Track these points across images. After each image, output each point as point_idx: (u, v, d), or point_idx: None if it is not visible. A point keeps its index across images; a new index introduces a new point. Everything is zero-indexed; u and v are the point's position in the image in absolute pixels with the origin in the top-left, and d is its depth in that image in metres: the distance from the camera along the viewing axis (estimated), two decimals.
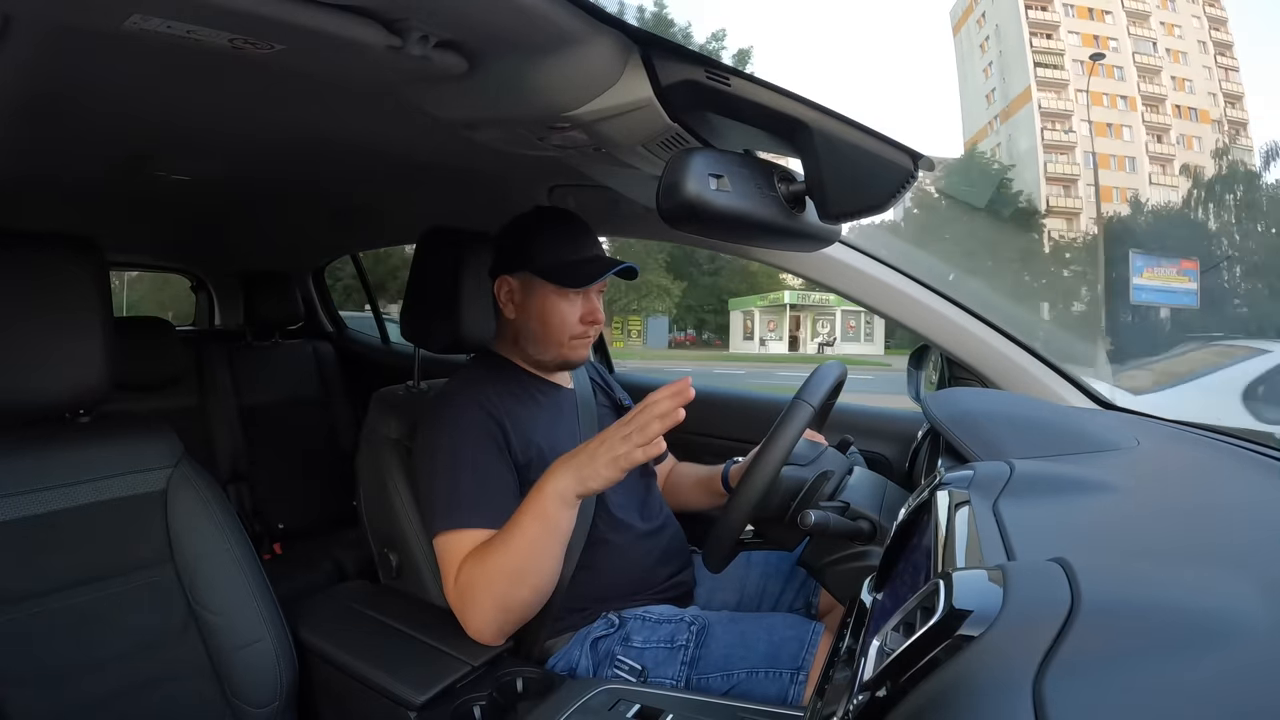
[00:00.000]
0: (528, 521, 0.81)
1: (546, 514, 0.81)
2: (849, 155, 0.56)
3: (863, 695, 0.35)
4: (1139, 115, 26.21)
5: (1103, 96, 26.52)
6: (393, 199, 1.49)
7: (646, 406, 0.75)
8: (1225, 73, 26.81)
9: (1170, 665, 0.28)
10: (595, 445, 0.79)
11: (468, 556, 0.85)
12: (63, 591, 0.78)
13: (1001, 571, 0.34)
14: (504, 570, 0.82)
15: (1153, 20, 26.65)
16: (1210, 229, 20.29)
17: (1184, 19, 26.87)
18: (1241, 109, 26.84)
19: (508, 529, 0.83)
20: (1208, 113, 26.41)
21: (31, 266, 0.77)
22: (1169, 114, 26.31)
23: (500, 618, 0.85)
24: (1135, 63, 26.47)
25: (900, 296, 1.11)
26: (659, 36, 0.57)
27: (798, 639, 0.86)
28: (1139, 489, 0.58)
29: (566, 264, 0.97)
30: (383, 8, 0.52)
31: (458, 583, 0.85)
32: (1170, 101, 26.38)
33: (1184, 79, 26.59)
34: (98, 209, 1.55)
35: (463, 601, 0.86)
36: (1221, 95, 26.62)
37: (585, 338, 1.01)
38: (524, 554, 0.82)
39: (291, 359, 2.13)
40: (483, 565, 0.83)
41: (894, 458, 1.27)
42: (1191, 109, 26.45)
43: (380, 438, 1.09)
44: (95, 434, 0.85)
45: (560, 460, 0.82)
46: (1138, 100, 26.31)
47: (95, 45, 0.62)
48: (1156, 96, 26.48)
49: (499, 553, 0.82)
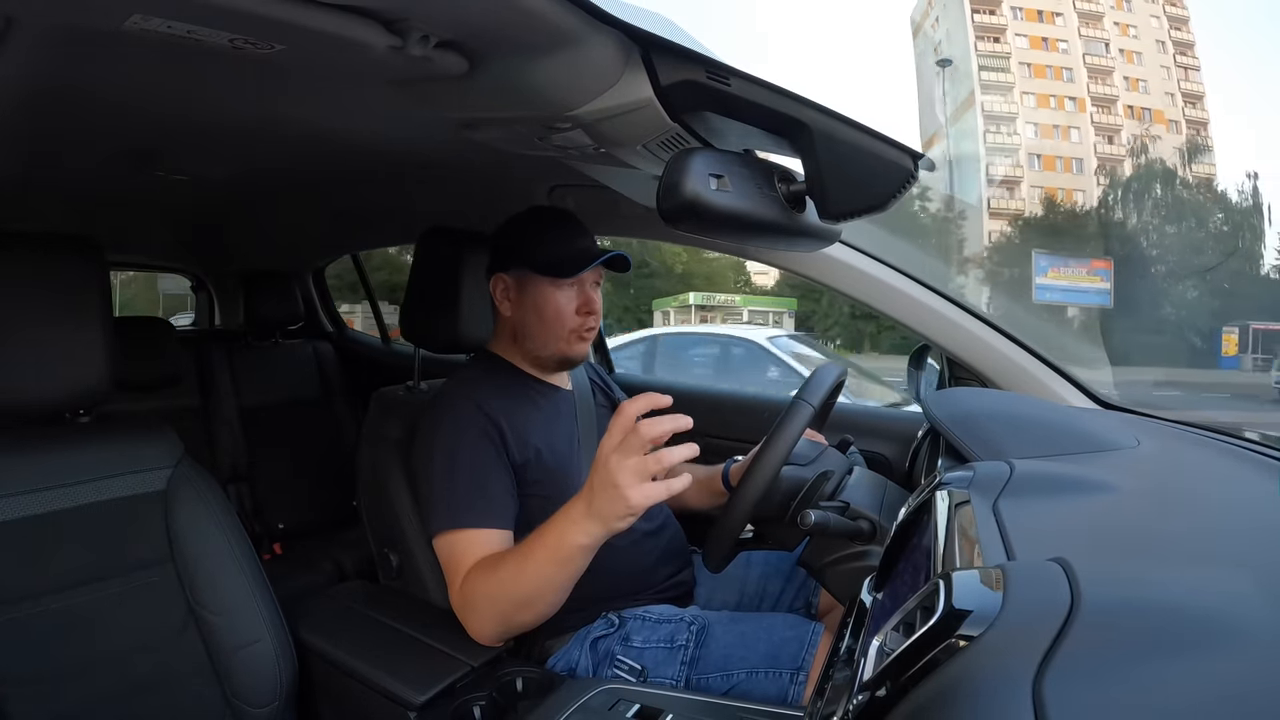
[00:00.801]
0: (545, 562, 0.77)
1: (573, 562, 0.76)
2: (849, 155, 0.56)
3: (863, 695, 0.35)
4: (1088, 116, 26.24)
5: (1050, 99, 26.58)
6: (393, 199, 1.49)
7: (633, 428, 0.67)
8: (1185, 72, 26.77)
9: (1170, 665, 0.28)
10: (599, 484, 0.70)
11: (476, 568, 0.84)
12: (63, 591, 0.78)
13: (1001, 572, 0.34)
14: (513, 596, 0.81)
15: (1106, 21, 26.64)
16: (1128, 228, 20.83)
17: (1141, 19, 26.87)
18: (1202, 108, 26.81)
19: (523, 557, 0.79)
20: (1162, 113, 26.45)
21: (31, 266, 0.77)
22: (1120, 115, 26.38)
23: (501, 630, 0.86)
24: (1085, 64, 26.46)
25: (900, 296, 1.11)
26: (659, 36, 0.57)
27: (798, 639, 0.86)
28: (1139, 489, 0.58)
29: (559, 256, 0.98)
30: (383, 8, 0.52)
31: (462, 590, 0.85)
32: (1123, 102, 26.45)
33: (1138, 79, 26.62)
34: (98, 209, 1.55)
35: (466, 608, 0.86)
36: (1180, 95, 26.66)
37: (584, 332, 1.01)
38: (536, 587, 0.79)
39: (292, 359, 2.13)
40: (491, 583, 0.82)
41: (894, 458, 1.27)
42: (1145, 109, 26.49)
43: (380, 438, 1.09)
44: (95, 434, 0.85)
45: (579, 505, 0.73)
46: (1087, 101, 26.34)
47: (96, 46, 0.62)
48: (1108, 97, 26.55)
49: (510, 578, 0.81)
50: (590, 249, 1.01)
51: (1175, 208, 21.33)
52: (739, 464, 1.12)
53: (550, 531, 0.77)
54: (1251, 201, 21.30)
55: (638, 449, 0.67)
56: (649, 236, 1.35)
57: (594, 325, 1.01)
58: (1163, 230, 21.13)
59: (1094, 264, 17.37)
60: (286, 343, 2.14)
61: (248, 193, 1.49)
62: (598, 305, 1.01)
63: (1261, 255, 21.34)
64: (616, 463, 0.68)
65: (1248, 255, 21.04)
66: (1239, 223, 21.41)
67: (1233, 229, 21.39)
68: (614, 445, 0.68)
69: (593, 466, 0.71)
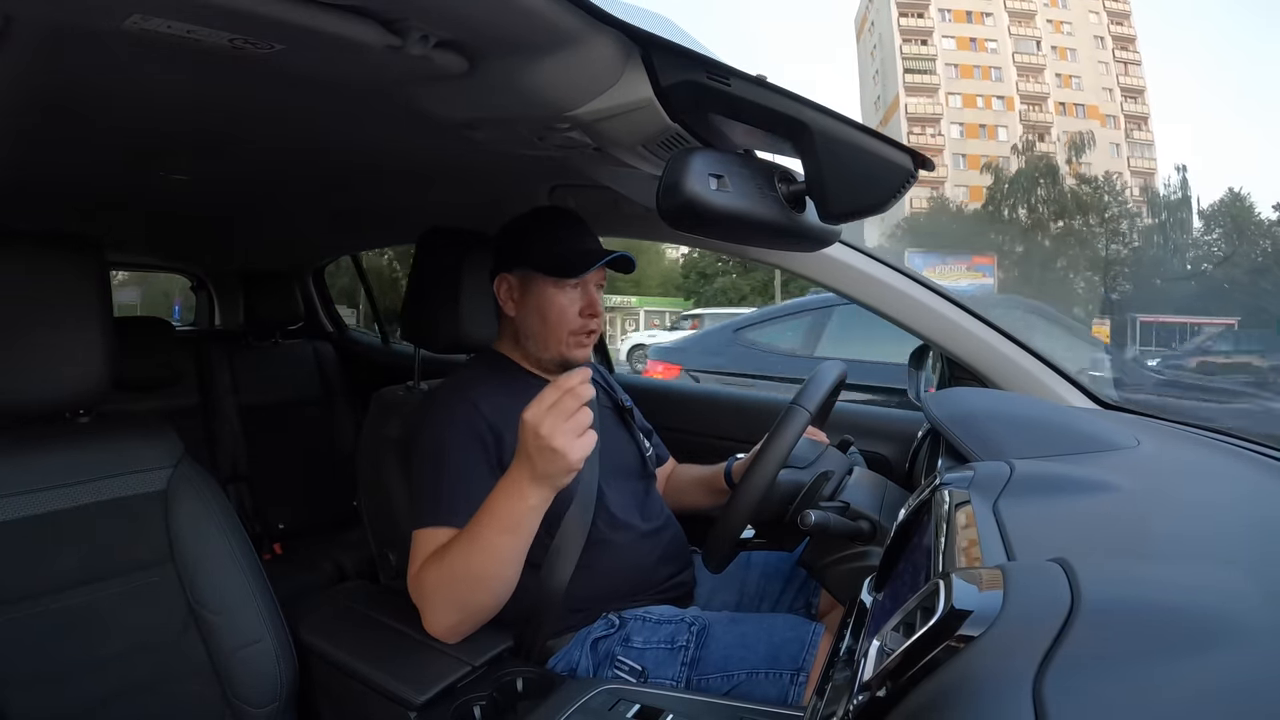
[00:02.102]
0: (496, 533, 0.79)
1: (521, 527, 0.79)
2: (849, 155, 0.56)
3: (863, 695, 0.35)
4: (1016, 115, 26.48)
5: (977, 99, 26.81)
6: (393, 199, 1.49)
7: (570, 392, 0.74)
8: (1125, 67, 26.92)
9: (1170, 665, 0.28)
10: (531, 438, 0.74)
11: (427, 561, 0.84)
12: (63, 591, 0.78)
13: (1001, 572, 0.34)
14: (465, 575, 0.81)
15: (1039, 19, 26.87)
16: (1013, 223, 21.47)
17: (1076, 15, 27.01)
18: (1143, 103, 27.01)
19: (470, 537, 0.80)
20: (1096, 107, 26.64)
21: (31, 266, 0.77)
22: (1051, 111, 26.55)
23: (459, 617, 0.84)
24: (1015, 63, 26.75)
25: (900, 296, 1.11)
26: (659, 36, 0.57)
27: (798, 640, 0.86)
28: (1139, 489, 0.58)
29: (562, 256, 0.98)
30: (382, 8, 0.52)
31: (416, 583, 0.85)
32: (1054, 99, 26.61)
33: (1070, 75, 26.84)
34: (98, 209, 1.55)
35: (420, 601, 0.85)
36: (1119, 90, 26.79)
37: (585, 334, 1.00)
38: (487, 562, 0.80)
39: (292, 359, 2.13)
40: (442, 569, 0.82)
41: (894, 458, 1.27)
42: (1078, 105, 26.62)
43: (380, 438, 1.09)
44: (95, 434, 0.85)
45: (521, 473, 0.77)
46: (1016, 100, 26.63)
47: (95, 45, 0.62)
48: (1038, 95, 26.73)
49: (460, 559, 0.80)
50: (595, 249, 1.01)
51: (1061, 202, 22.02)
52: (741, 461, 1.12)
53: (496, 505, 0.79)
54: (1181, 194, 22.08)
55: (571, 411, 0.74)
56: (649, 237, 1.36)
57: (596, 328, 1.01)
58: (1049, 225, 21.80)
59: (975, 260, 18.22)
60: (286, 343, 2.14)
61: (248, 193, 1.49)
62: (600, 308, 1.01)
63: (1188, 248, 21.93)
64: (551, 427, 0.73)
65: (1153, 246, 21.59)
66: (1133, 213, 22.27)
67: (1129, 221, 22.22)
68: (544, 409, 0.74)
69: (522, 435, 0.76)
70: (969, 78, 26.80)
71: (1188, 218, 21.98)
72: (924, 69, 26.96)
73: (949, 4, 27.01)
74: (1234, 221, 21.40)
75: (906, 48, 27.11)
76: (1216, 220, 21.80)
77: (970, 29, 27.01)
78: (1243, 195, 21.98)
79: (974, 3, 26.90)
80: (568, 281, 0.98)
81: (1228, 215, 21.59)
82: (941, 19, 26.97)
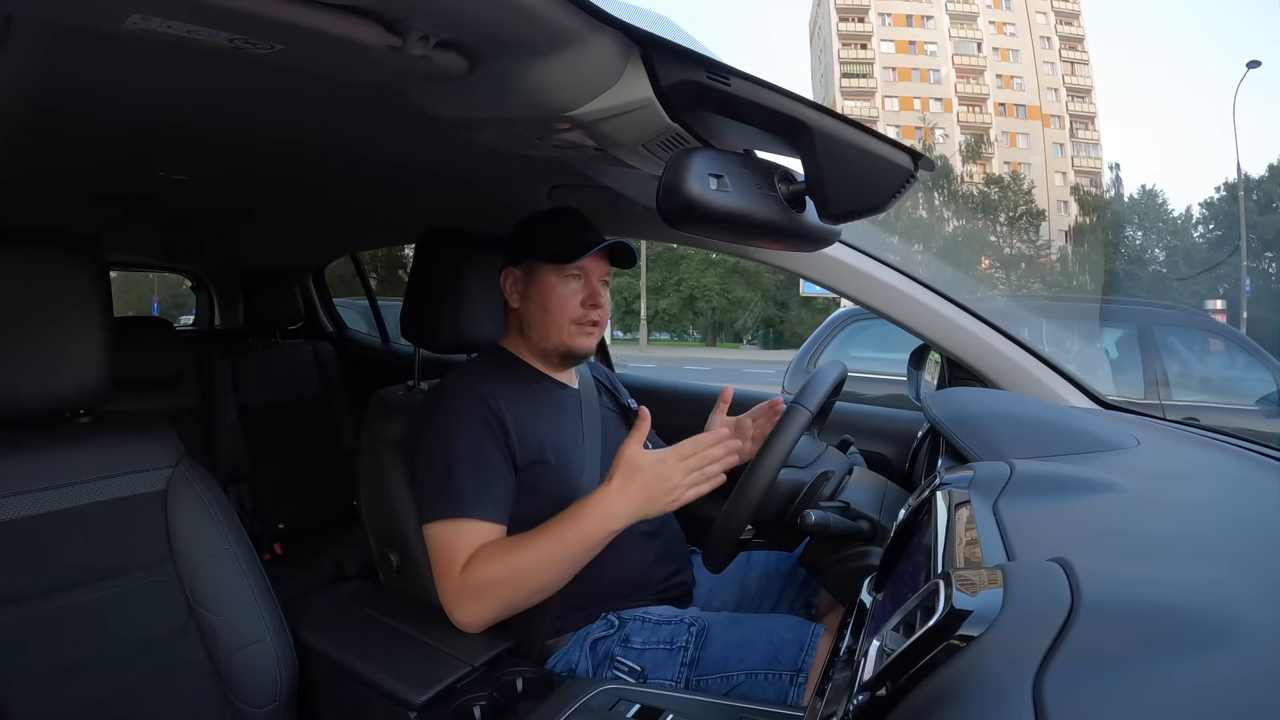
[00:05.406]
0: (573, 546, 0.84)
1: (595, 544, 0.84)
2: (849, 155, 0.56)
3: (863, 695, 0.35)
4: (954, 116, 26.63)
5: (914, 101, 26.96)
6: (393, 199, 1.50)
7: (701, 451, 0.83)
8: (1071, 67, 27.00)
9: (1170, 665, 0.28)
10: (652, 481, 0.82)
11: (481, 554, 0.85)
12: (63, 592, 0.78)
13: (1001, 572, 0.34)
14: (531, 579, 0.85)
15: (980, 20, 26.99)
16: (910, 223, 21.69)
17: (1021, 17, 27.10)
18: (1090, 102, 27.07)
19: (550, 545, 0.84)
20: (1039, 108, 26.76)
21: (31, 266, 0.77)
22: (991, 112, 26.75)
23: (499, 615, 0.87)
24: (954, 65, 26.89)
25: (900, 296, 1.11)
26: (659, 36, 0.57)
27: (797, 641, 0.86)
28: (1139, 489, 0.58)
29: (562, 244, 0.99)
30: (382, 8, 0.52)
31: (465, 576, 0.86)
32: (994, 100, 26.79)
33: (1010, 76, 26.95)
34: (98, 209, 1.55)
35: (465, 594, 0.86)
36: (1065, 90, 26.92)
37: (588, 324, 1.01)
38: (559, 571, 0.85)
39: (292, 359, 2.13)
40: (505, 568, 0.85)
41: (894, 458, 1.27)
42: (1018, 105, 26.80)
43: (380, 438, 1.09)
44: (95, 434, 0.85)
45: (614, 492, 0.83)
46: (954, 101, 26.76)
47: (96, 45, 0.62)
48: (978, 96, 26.90)
49: (531, 563, 0.84)
50: (594, 238, 1.02)
51: (960, 201, 22.60)
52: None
53: (585, 520, 0.84)
54: (1114, 191, 22.80)
55: (702, 464, 0.83)
56: (649, 237, 1.36)
57: (598, 319, 1.02)
58: (950, 224, 22.30)
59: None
60: (286, 342, 2.14)
61: (248, 193, 1.49)
62: (604, 301, 1.02)
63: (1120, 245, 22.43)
64: (681, 468, 0.83)
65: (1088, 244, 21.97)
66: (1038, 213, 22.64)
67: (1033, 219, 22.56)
68: (683, 455, 0.83)
69: (636, 466, 0.83)
70: (907, 80, 27.03)
71: (1123, 213, 22.49)
72: (862, 73, 27.27)
73: (889, 8, 27.28)
74: (1140, 219, 22.07)
75: (846, 52, 27.41)
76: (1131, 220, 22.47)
77: (910, 32, 27.23)
78: (1155, 192, 22.64)
79: (915, 7, 27.13)
80: (570, 272, 0.99)
81: (1138, 212, 22.28)
82: (881, 23, 27.23)
